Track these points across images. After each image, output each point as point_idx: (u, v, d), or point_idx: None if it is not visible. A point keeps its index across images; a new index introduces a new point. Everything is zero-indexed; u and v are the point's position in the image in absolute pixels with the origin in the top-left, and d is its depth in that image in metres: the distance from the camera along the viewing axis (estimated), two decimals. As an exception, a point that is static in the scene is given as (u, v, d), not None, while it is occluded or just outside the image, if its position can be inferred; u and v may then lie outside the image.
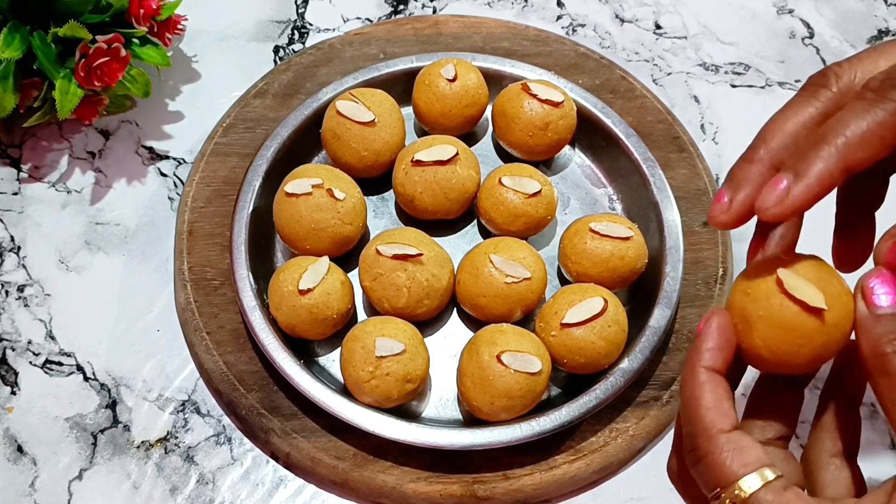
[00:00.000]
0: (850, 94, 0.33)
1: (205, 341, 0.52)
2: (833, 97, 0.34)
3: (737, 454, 0.31)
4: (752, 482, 0.30)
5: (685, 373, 0.33)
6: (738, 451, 0.31)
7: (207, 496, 0.50)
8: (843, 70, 0.34)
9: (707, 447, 0.32)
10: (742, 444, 0.31)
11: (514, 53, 0.64)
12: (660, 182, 0.56)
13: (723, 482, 0.31)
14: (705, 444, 0.32)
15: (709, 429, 0.32)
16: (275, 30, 0.69)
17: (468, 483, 0.49)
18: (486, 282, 0.50)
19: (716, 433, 0.31)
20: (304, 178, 0.52)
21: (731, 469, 0.31)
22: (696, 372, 0.33)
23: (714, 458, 0.31)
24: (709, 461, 0.31)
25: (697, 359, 0.33)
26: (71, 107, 0.55)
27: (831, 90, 0.34)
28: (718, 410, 0.32)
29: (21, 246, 0.58)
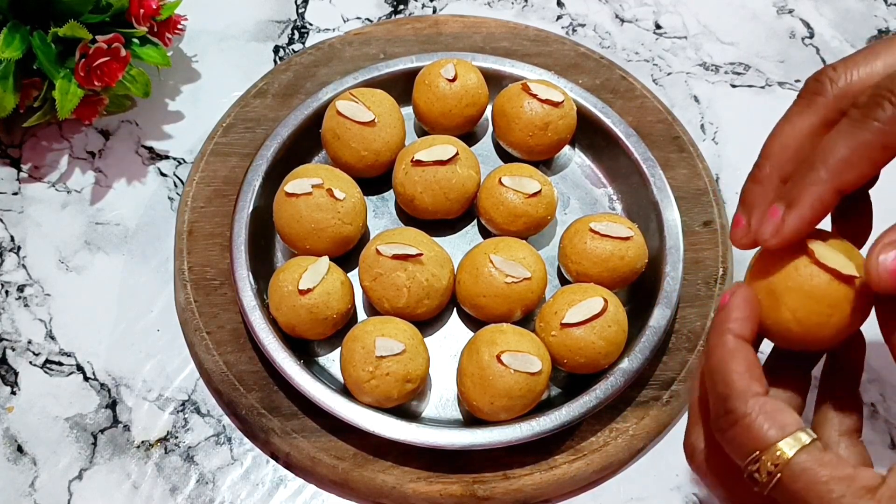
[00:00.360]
0: (848, 98, 0.33)
1: (205, 341, 0.52)
2: (830, 103, 0.34)
3: (774, 416, 0.31)
4: (791, 444, 0.30)
5: (712, 339, 0.33)
6: (775, 414, 0.31)
7: (207, 496, 0.50)
8: (837, 74, 0.34)
9: (743, 409, 0.31)
10: (778, 408, 0.31)
11: (514, 53, 0.64)
12: (660, 182, 0.56)
13: (761, 444, 0.31)
14: (741, 407, 0.31)
15: (744, 392, 0.31)
16: (275, 30, 0.69)
17: (468, 483, 0.49)
18: (486, 282, 0.50)
19: (751, 395, 0.31)
20: (304, 178, 0.52)
21: (768, 432, 0.30)
22: (725, 339, 0.32)
23: (751, 420, 0.31)
24: (745, 423, 0.31)
25: (726, 327, 0.32)
26: (71, 107, 0.55)
27: (827, 97, 0.34)
28: (751, 375, 0.32)
29: (21, 246, 0.58)
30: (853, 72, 0.34)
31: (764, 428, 0.31)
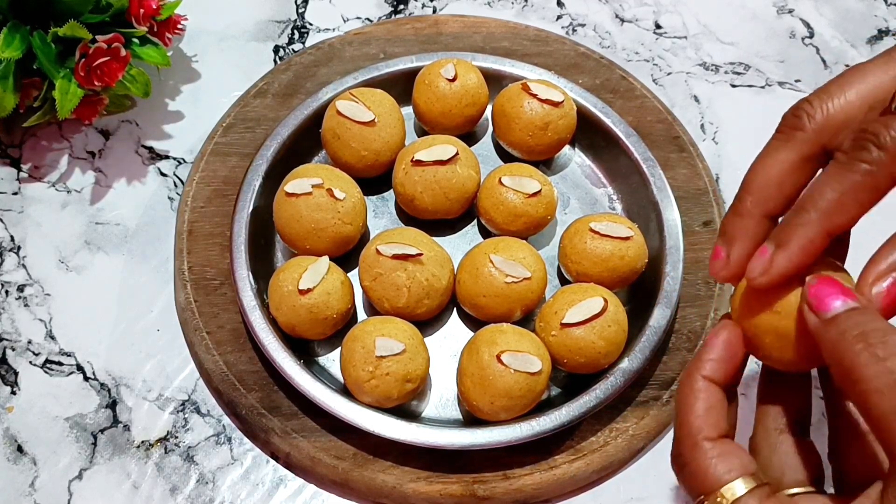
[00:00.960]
0: (828, 131, 0.34)
1: (205, 341, 0.52)
2: (810, 137, 0.34)
3: (721, 460, 0.31)
4: (736, 489, 0.31)
5: (682, 378, 0.34)
6: (723, 458, 0.31)
7: (207, 496, 0.50)
8: (814, 108, 0.34)
9: (690, 455, 0.32)
10: (727, 451, 0.31)
11: (514, 53, 0.64)
12: (660, 182, 0.56)
13: (706, 489, 0.31)
14: (688, 452, 0.32)
15: (694, 435, 0.32)
16: (275, 29, 0.69)
17: (468, 483, 0.49)
18: (486, 281, 0.50)
19: (700, 440, 0.32)
20: (304, 178, 0.52)
21: (714, 475, 0.31)
22: (692, 379, 0.33)
23: (697, 464, 0.32)
24: (692, 468, 0.32)
25: (696, 367, 0.33)
26: (71, 106, 0.55)
27: (807, 132, 0.34)
28: (706, 419, 0.32)
29: (21, 246, 0.58)
30: (828, 104, 0.34)
31: (710, 471, 0.31)
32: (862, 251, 0.34)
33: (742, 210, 0.35)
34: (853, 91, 0.34)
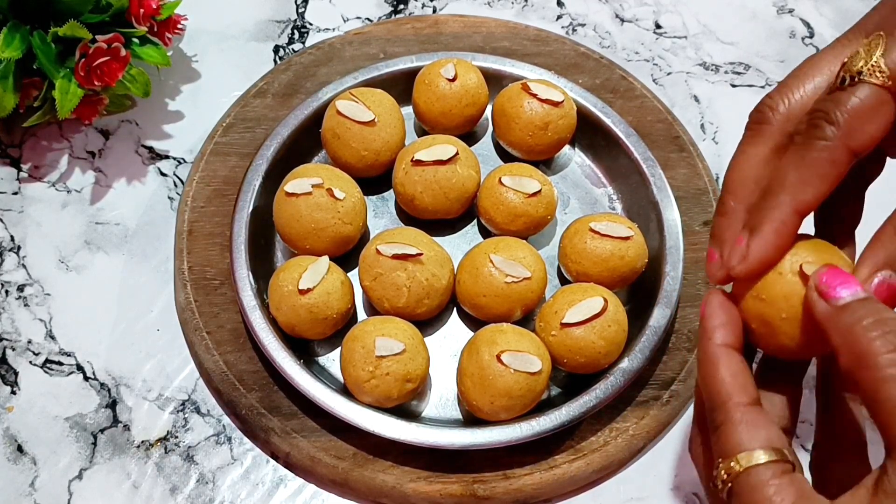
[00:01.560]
0: (791, 121, 0.35)
1: (205, 341, 0.52)
2: (776, 130, 0.36)
3: (747, 427, 0.31)
4: (756, 457, 0.31)
5: (699, 353, 0.34)
6: (749, 426, 0.31)
7: (207, 496, 0.50)
8: (775, 102, 0.36)
9: (722, 418, 0.32)
10: (755, 420, 0.32)
11: (514, 53, 0.64)
12: (660, 182, 0.56)
13: (725, 453, 0.31)
14: (721, 416, 0.32)
15: (726, 401, 0.32)
16: (275, 29, 0.69)
17: (468, 483, 0.49)
18: (486, 281, 0.50)
19: (732, 406, 0.32)
20: (303, 178, 0.52)
21: (738, 441, 0.31)
22: (708, 350, 0.33)
23: (726, 428, 0.32)
24: (721, 431, 0.32)
25: (707, 337, 0.34)
26: (71, 106, 0.55)
27: (772, 125, 0.36)
28: (735, 383, 0.32)
29: (21, 245, 0.58)
30: (788, 97, 0.36)
31: (735, 437, 0.32)
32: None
33: (726, 210, 0.36)
34: (810, 83, 0.35)
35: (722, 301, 0.34)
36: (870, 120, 0.32)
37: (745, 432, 0.31)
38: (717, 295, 0.35)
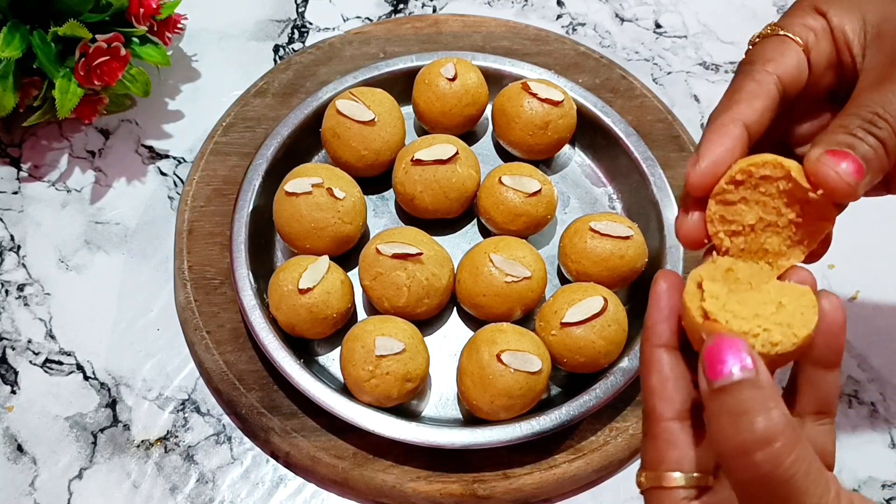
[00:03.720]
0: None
1: (205, 340, 0.52)
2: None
3: (662, 446, 0.31)
4: (662, 478, 0.31)
5: (640, 348, 0.34)
6: (665, 444, 0.31)
7: (207, 495, 0.50)
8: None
9: (646, 428, 0.32)
10: (673, 439, 0.31)
11: (514, 52, 0.64)
12: (660, 181, 0.56)
13: (643, 464, 0.32)
14: (645, 426, 0.32)
15: (650, 413, 0.32)
16: (275, 29, 0.69)
17: (468, 482, 0.49)
18: (486, 281, 0.50)
19: (654, 418, 0.32)
20: (304, 178, 0.52)
21: (650, 458, 0.32)
22: (644, 350, 0.33)
23: (645, 439, 0.32)
24: (644, 440, 0.32)
25: (645, 337, 0.33)
26: (71, 106, 0.55)
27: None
28: (662, 393, 0.32)
29: (21, 245, 0.58)
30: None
31: (647, 452, 0.32)
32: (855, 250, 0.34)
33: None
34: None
35: (668, 288, 0.33)
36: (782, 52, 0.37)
37: (657, 450, 0.31)
38: (665, 278, 0.33)
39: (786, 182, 0.33)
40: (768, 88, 0.36)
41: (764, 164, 0.33)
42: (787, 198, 0.33)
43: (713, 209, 0.34)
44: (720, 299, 0.31)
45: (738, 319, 0.30)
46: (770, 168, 0.33)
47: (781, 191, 0.33)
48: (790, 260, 0.34)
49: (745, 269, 0.33)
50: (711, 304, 0.31)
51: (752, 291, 0.32)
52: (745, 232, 0.34)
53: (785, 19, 0.38)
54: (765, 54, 0.37)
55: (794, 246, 0.34)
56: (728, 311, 0.30)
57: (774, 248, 0.34)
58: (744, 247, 0.34)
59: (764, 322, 0.30)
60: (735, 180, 0.33)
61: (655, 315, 0.33)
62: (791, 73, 0.36)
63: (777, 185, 0.33)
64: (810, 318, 0.30)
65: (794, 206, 0.33)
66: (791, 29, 0.37)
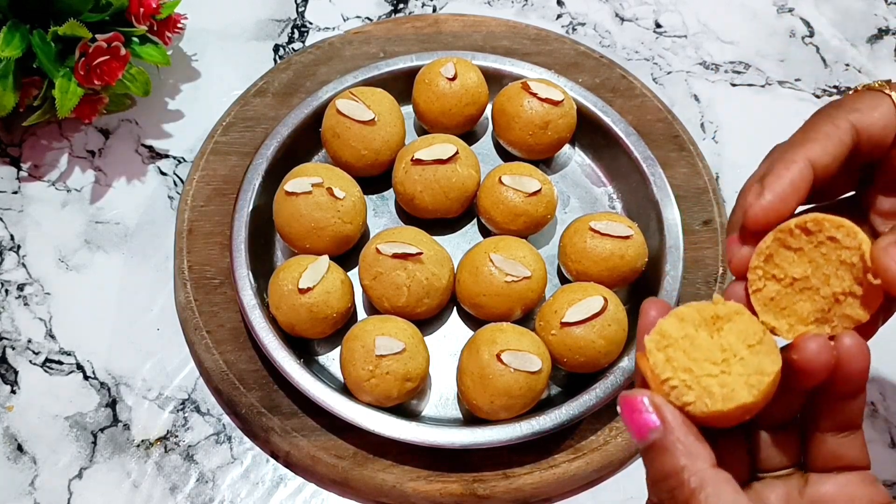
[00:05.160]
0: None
1: (204, 340, 0.52)
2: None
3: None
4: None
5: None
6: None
7: (207, 495, 0.50)
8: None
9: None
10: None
11: (514, 52, 0.64)
12: (660, 181, 0.56)
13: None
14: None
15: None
16: (275, 28, 0.69)
17: (468, 482, 0.49)
18: (486, 280, 0.50)
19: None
20: (303, 177, 0.52)
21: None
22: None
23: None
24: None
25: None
26: (71, 105, 0.55)
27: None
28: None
29: (21, 245, 0.58)
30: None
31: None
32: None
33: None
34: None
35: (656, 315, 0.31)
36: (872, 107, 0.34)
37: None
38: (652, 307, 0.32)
39: (850, 253, 0.31)
40: (843, 134, 0.34)
41: (840, 227, 0.31)
42: (844, 271, 0.31)
43: (768, 244, 0.32)
44: (665, 339, 0.30)
45: (665, 364, 0.29)
46: (843, 233, 0.31)
47: (841, 261, 0.31)
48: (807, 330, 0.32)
49: (744, 321, 0.31)
50: (651, 340, 0.30)
51: (715, 349, 0.30)
52: (785, 283, 0.32)
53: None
54: (853, 103, 0.35)
55: (820, 323, 0.32)
56: (665, 353, 0.30)
57: (801, 314, 0.32)
58: (773, 296, 0.32)
59: (690, 378, 0.29)
60: (805, 227, 0.31)
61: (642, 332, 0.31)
62: (873, 129, 0.34)
63: (840, 255, 0.31)
64: (742, 398, 0.29)
65: (846, 282, 0.31)
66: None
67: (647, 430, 0.29)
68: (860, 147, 0.34)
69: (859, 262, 0.31)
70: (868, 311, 0.31)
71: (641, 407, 0.29)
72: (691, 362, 0.30)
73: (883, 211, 0.38)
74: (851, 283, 0.31)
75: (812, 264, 0.32)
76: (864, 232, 0.31)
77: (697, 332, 0.30)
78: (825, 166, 0.33)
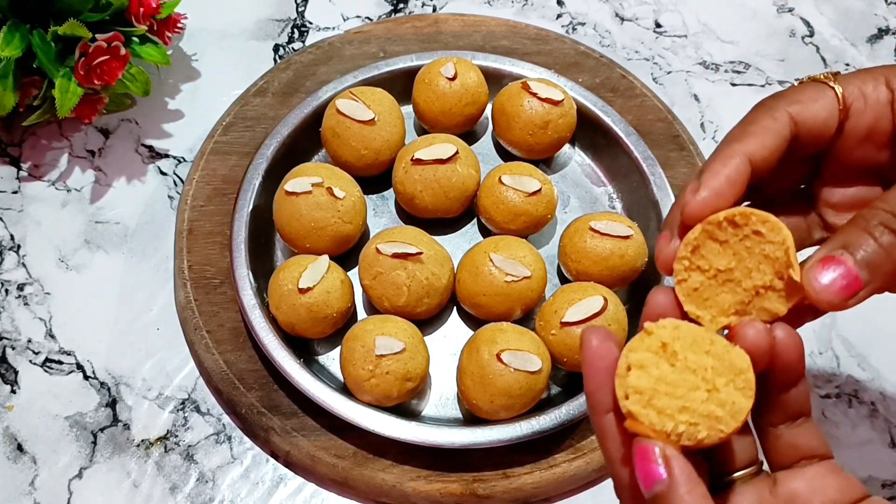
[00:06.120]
0: None
1: (204, 340, 0.52)
2: None
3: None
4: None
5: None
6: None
7: (207, 495, 0.50)
8: None
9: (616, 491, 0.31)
10: None
11: (514, 52, 0.64)
12: (660, 181, 0.56)
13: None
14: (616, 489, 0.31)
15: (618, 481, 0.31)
16: (275, 28, 0.69)
17: (468, 482, 0.49)
18: (485, 280, 0.50)
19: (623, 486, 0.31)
20: (303, 177, 0.52)
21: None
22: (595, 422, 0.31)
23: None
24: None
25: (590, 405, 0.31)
26: (71, 105, 0.55)
27: None
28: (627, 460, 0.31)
29: (21, 244, 0.58)
30: None
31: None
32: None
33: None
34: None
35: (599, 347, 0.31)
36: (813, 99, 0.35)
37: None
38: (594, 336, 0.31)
39: (773, 248, 0.31)
40: (782, 127, 0.34)
41: (765, 222, 0.31)
42: (766, 265, 0.31)
43: (696, 235, 0.32)
44: (644, 394, 0.29)
45: (662, 417, 0.29)
46: (768, 228, 0.31)
47: (765, 255, 0.31)
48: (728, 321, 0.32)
49: (685, 333, 0.31)
50: (634, 404, 0.29)
51: (686, 373, 0.30)
52: (709, 274, 0.32)
53: (845, 75, 0.35)
54: (795, 95, 0.35)
55: (739, 314, 0.32)
56: (652, 406, 0.29)
57: (723, 306, 0.32)
58: (697, 287, 0.32)
59: (691, 415, 0.29)
60: (733, 220, 0.32)
61: (592, 383, 0.31)
62: (814, 122, 0.34)
63: (763, 248, 0.31)
64: (742, 406, 0.29)
65: (767, 275, 0.31)
66: (842, 83, 0.35)
67: (654, 482, 0.28)
68: (800, 139, 0.34)
69: (783, 256, 0.31)
70: (785, 305, 0.31)
71: (652, 457, 0.29)
72: (681, 400, 0.29)
73: (833, 202, 0.38)
74: (772, 277, 0.31)
75: (736, 257, 0.32)
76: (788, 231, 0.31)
77: (661, 369, 0.30)
78: (763, 159, 0.33)
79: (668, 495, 0.28)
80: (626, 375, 0.30)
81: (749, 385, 0.30)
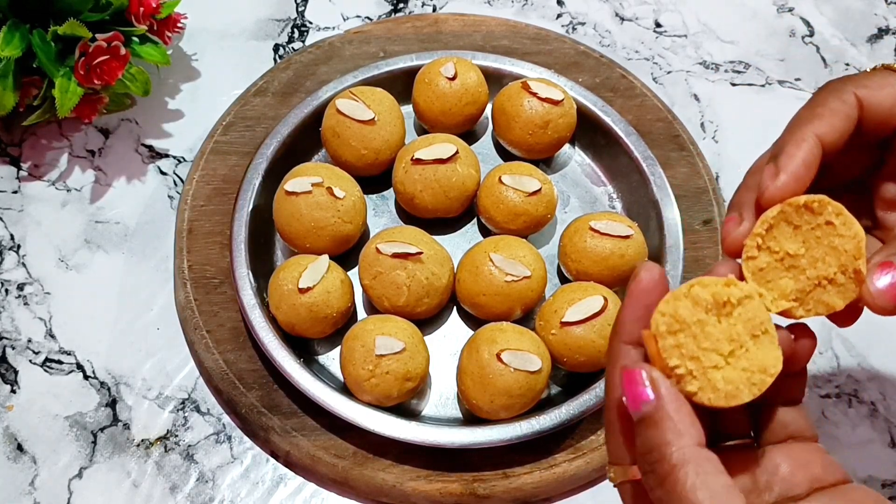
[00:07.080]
0: None
1: (204, 340, 0.52)
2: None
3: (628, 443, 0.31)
4: (633, 472, 0.31)
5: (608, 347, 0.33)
6: (629, 441, 0.31)
7: (207, 494, 0.50)
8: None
9: (608, 423, 0.32)
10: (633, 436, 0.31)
11: (514, 52, 0.64)
12: (659, 180, 0.56)
13: (611, 461, 0.32)
14: (607, 419, 0.32)
15: (611, 407, 0.31)
16: (275, 28, 0.69)
17: (468, 481, 0.49)
18: (485, 280, 0.50)
19: (616, 414, 0.31)
20: (303, 177, 0.52)
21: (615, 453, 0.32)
22: (612, 346, 0.32)
23: (609, 436, 0.32)
24: (607, 437, 0.32)
25: (615, 330, 0.32)
26: (71, 105, 0.55)
27: None
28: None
29: (21, 244, 0.58)
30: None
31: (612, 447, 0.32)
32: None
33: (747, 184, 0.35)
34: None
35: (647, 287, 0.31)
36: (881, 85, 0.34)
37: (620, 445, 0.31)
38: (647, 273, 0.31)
39: (843, 241, 0.31)
40: (850, 109, 0.33)
41: (839, 215, 0.31)
42: (832, 257, 0.31)
43: (773, 214, 0.32)
44: (678, 323, 0.30)
45: (672, 350, 0.29)
46: (842, 221, 0.31)
47: (833, 247, 0.31)
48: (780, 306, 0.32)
49: (752, 307, 0.31)
50: (664, 324, 0.30)
51: (723, 336, 0.30)
52: (777, 256, 0.32)
53: None
54: (863, 79, 0.34)
55: (798, 302, 0.32)
56: (674, 336, 0.30)
57: (784, 290, 0.32)
58: (763, 267, 0.32)
59: (695, 367, 0.29)
60: (811, 206, 0.31)
61: (629, 313, 0.31)
62: (881, 107, 0.34)
63: (832, 241, 0.31)
64: (740, 397, 0.30)
65: (832, 267, 0.31)
66: None
67: (641, 403, 0.29)
68: (866, 124, 0.34)
69: (853, 249, 0.31)
70: (844, 300, 0.32)
71: (639, 380, 0.29)
72: (700, 352, 0.30)
73: (887, 199, 0.37)
74: (836, 270, 0.32)
75: (805, 244, 0.32)
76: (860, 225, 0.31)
77: (708, 316, 0.30)
78: (832, 142, 0.33)
79: (654, 416, 0.29)
80: (681, 299, 0.30)
81: (761, 387, 0.30)
